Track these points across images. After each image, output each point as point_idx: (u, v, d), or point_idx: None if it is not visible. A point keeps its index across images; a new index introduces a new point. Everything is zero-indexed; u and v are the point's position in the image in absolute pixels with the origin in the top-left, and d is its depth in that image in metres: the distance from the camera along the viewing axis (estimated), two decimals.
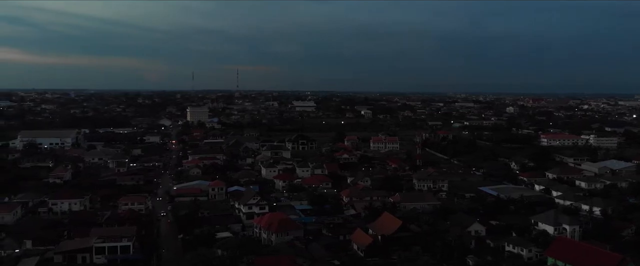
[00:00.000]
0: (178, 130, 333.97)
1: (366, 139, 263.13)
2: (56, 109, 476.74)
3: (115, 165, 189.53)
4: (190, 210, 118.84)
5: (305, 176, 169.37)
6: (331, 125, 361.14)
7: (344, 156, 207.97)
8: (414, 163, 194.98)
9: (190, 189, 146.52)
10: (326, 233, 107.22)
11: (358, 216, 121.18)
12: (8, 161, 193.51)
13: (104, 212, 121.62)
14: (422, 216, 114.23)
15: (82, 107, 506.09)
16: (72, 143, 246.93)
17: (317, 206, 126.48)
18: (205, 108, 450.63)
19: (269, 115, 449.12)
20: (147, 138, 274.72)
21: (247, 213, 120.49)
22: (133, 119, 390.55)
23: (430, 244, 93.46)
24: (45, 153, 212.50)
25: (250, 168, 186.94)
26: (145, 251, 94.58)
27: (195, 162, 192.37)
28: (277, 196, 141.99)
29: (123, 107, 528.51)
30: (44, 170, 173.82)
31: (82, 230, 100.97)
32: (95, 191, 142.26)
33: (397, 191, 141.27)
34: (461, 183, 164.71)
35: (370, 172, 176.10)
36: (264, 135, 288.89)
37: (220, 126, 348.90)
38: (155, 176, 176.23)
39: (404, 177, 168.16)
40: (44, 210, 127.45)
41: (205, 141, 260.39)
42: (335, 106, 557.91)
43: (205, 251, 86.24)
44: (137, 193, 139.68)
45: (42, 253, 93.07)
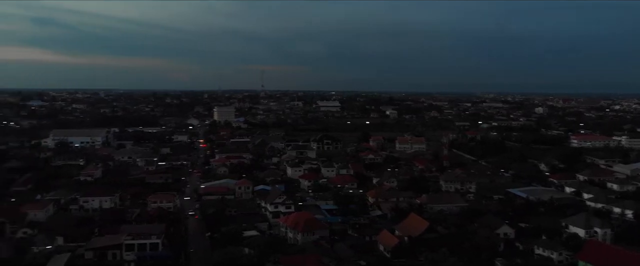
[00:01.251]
0: (205, 129, 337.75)
1: (392, 139, 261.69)
2: (87, 109, 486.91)
3: (144, 164, 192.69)
4: (218, 209, 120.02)
5: (331, 176, 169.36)
6: (356, 125, 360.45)
7: (370, 156, 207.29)
8: (441, 164, 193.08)
9: (218, 188, 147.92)
10: (352, 233, 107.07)
11: (384, 217, 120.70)
12: (40, 159, 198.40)
13: (133, 210, 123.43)
14: (449, 218, 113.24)
15: (111, 107, 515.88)
16: (102, 142, 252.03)
17: (342, 207, 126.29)
18: (232, 108, 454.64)
19: (293, 115, 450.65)
20: (175, 138, 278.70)
21: (273, 212, 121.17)
22: (161, 118, 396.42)
23: (458, 246, 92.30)
24: (76, 152, 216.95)
25: (276, 168, 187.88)
26: (173, 248, 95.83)
27: (222, 160, 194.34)
28: (303, 195, 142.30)
29: (152, 106, 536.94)
30: (75, 168, 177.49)
31: (112, 227, 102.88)
32: (125, 189, 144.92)
33: (423, 192, 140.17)
34: (489, 185, 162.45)
35: (396, 172, 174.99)
36: (289, 134, 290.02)
37: (246, 125, 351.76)
38: (183, 174, 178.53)
39: (431, 178, 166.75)
40: (75, 207, 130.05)
41: (232, 140, 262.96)
42: (360, 106, 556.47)
43: (232, 250, 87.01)
44: (166, 192, 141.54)
45: (73, 250, 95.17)
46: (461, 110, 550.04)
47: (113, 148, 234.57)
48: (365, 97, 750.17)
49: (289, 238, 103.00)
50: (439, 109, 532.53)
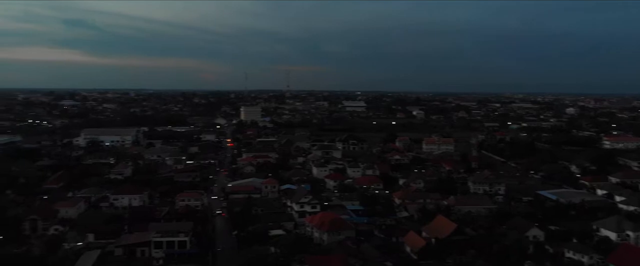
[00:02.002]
0: (232, 128, 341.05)
1: (418, 140, 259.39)
2: (117, 108, 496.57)
3: (173, 162, 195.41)
4: (244, 207, 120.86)
5: (356, 176, 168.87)
6: (382, 125, 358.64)
7: (396, 157, 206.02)
8: (469, 166, 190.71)
9: (245, 186, 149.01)
10: (378, 234, 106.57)
11: (411, 218, 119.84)
12: (72, 158, 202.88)
13: (162, 208, 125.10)
14: (477, 220, 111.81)
15: (141, 106, 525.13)
16: (132, 141, 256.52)
17: (368, 207, 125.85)
18: (258, 108, 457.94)
19: (319, 115, 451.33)
20: (203, 137, 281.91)
21: (299, 212, 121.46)
22: (190, 118, 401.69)
23: (486, 248, 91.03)
24: (106, 151, 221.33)
25: (302, 167, 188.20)
26: (201, 246, 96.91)
27: (248, 159, 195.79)
28: (328, 195, 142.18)
29: (180, 106, 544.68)
30: (106, 167, 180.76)
31: (141, 225, 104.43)
32: (154, 187, 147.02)
33: (451, 194, 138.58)
34: (519, 187, 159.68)
35: (423, 173, 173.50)
36: (315, 134, 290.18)
37: (272, 125, 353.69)
38: (211, 173, 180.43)
39: (459, 180, 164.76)
40: (105, 204, 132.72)
41: (258, 140, 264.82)
42: (386, 106, 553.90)
43: (259, 248, 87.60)
44: (194, 190, 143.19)
45: (103, 246, 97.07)
46: (490, 110, 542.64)
47: (143, 147, 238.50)
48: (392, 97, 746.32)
49: (314, 238, 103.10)
50: (467, 110, 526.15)
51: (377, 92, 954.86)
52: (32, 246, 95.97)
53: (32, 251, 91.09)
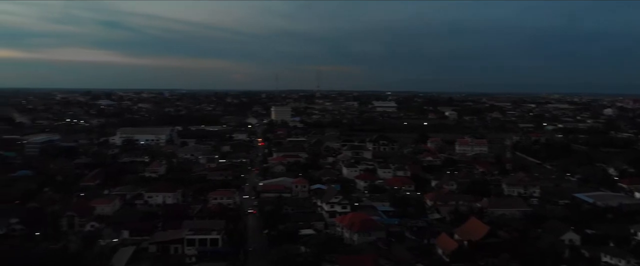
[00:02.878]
0: (263, 128, 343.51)
1: (451, 141, 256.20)
2: (152, 108, 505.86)
3: (205, 161, 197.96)
4: (275, 206, 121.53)
5: (387, 177, 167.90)
6: (413, 126, 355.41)
7: (428, 158, 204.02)
8: (503, 168, 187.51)
9: (275, 185, 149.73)
10: (409, 236, 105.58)
11: (443, 221, 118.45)
12: (108, 156, 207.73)
13: (195, 206, 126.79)
14: (511, 223, 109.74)
15: (175, 106, 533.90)
16: (166, 140, 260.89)
17: (399, 208, 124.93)
18: (288, 108, 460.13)
19: (349, 115, 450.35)
20: (235, 136, 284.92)
21: (330, 212, 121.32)
22: (222, 118, 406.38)
23: (520, 252, 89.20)
24: (141, 149, 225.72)
25: (332, 167, 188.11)
26: (233, 244, 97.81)
27: (279, 159, 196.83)
28: (359, 196, 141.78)
29: (213, 106, 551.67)
30: (141, 165, 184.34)
31: (175, 222, 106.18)
32: (187, 185, 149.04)
33: (484, 196, 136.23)
34: (554, 189, 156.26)
35: (456, 175, 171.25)
36: (345, 134, 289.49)
37: (302, 125, 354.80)
38: (242, 172, 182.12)
39: (492, 182, 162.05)
40: (140, 202, 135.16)
41: (289, 139, 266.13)
42: (418, 106, 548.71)
43: (289, 248, 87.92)
44: (226, 188, 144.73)
45: (138, 243, 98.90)
46: (525, 111, 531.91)
47: (176, 146, 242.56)
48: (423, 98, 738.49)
49: (345, 238, 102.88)
50: (501, 110, 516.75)
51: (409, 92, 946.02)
52: (69, 242, 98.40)
53: (69, 247, 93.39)
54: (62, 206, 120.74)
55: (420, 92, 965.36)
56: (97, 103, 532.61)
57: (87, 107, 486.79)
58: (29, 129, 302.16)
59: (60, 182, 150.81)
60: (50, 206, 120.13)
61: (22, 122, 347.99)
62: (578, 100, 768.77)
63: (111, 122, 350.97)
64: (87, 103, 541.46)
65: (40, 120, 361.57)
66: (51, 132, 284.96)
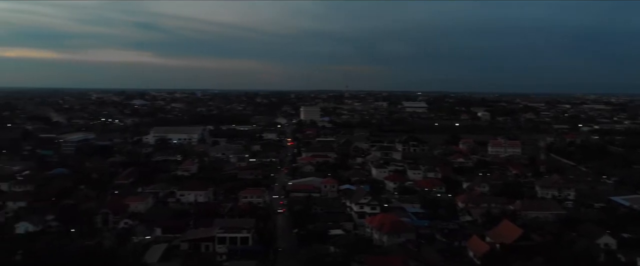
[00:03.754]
0: (292, 128, 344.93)
1: (483, 143, 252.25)
2: (184, 107, 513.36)
3: (236, 160, 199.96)
4: (305, 206, 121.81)
5: (417, 178, 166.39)
6: (444, 126, 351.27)
7: (459, 160, 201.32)
8: (537, 170, 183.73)
9: (305, 185, 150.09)
10: (440, 238, 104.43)
11: (474, 223, 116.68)
12: (142, 155, 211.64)
13: (225, 204, 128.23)
14: (545, 226, 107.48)
15: (207, 106, 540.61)
16: (198, 139, 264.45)
17: (430, 210, 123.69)
18: (317, 108, 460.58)
19: (378, 116, 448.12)
20: (265, 136, 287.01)
21: (359, 212, 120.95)
22: (252, 117, 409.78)
23: (554, 256, 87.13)
24: (174, 148, 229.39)
25: (361, 168, 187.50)
26: (263, 243, 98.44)
27: (308, 159, 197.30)
28: (388, 197, 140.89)
29: (243, 105, 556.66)
30: (173, 164, 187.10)
31: (206, 220, 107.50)
32: (218, 184, 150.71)
33: (517, 198, 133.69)
34: (589, 192, 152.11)
35: (488, 177, 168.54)
36: (374, 135, 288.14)
37: (332, 125, 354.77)
38: (272, 171, 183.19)
39: (526, 184, 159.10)
40: (172, 200, 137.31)
41: (318, 139, 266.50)
42: (449, 107, 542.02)
43: (319, 247, 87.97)
44: (256, 187, 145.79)
45: (170, 241, 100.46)
46: (559, 112, 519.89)
47: (208, 145, 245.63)
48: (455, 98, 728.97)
49: (374, 239, 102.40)
50: (535, 111, 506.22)
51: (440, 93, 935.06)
52: (104, 239, 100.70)
53: (104, 244, 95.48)
54: (97, 203, 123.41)
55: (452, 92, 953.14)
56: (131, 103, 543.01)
57: (121, 107, 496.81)
58: (65, 128, 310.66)
59: (95, 180, 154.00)
60: (85, 204, 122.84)
61: (59, 121, 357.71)
62: (615, 100, 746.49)
63: (145, 121, 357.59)
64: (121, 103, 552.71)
65: (76, 120, 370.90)
66: (87, 131, 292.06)
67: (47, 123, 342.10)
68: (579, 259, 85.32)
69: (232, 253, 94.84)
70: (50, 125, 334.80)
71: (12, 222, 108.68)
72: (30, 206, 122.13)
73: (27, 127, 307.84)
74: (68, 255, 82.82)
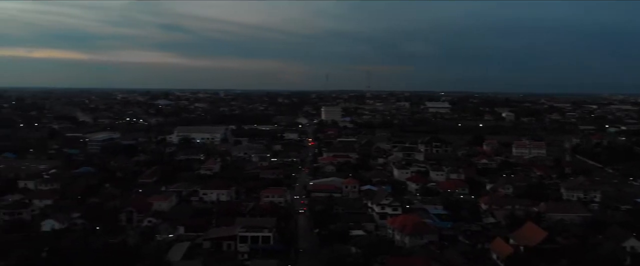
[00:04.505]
0: (314, 128, 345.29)
1: (507, 144, 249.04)
2: (207, 107, 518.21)
3: (258, 160, 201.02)
4: (326, 206, 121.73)
5: (440, 180, 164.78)
6: (468, 127, 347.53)
7: (483, 161, 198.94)
8: (562, 171, 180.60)
9: (326, 185, 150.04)
10: (463, 239, 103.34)
11: (498, 225, 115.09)
12: (166, 154, 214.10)
13: (247, 203, 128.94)
14: (570, 229, 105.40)
15: (229, 106, 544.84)
16: (220, 138, 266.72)
17: (452, 212, 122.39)
18: (338, 108, 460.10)
19: (400, 116, 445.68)
20: (286, 135, 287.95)
21: (380, 213, 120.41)
22: (274, 117, 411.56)
23: (579, 259, 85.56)
24: (197, 147, 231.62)
25: (382, 169, 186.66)
26: (284, 242, 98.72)
27: (329, 159, 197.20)
28: (410, 198, 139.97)
29: (265, 105, 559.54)
30: (196, 163, 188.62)
31: (228, 219, 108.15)
32: (240, 183, 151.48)
33: (542, 200, 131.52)
34: (616, 194, 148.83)
35: (513, 178, 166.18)
36: (396, 135, 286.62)
37: (353, 125, 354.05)
38: (293, 171, 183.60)
39: (551, 186, 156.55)
40: (195, 199, 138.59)
41: (339, 139, 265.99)
42: (473, 107, 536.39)
43: (340, 248, 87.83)
44: (278, 187, 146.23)
45: (192, 239, 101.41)
46: (586, 112, 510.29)
47: (230, 145, 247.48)
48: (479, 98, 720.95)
49: (396, 241, 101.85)
50: (560, 111, 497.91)
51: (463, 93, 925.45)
52: (128, 236, 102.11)
53: (128, 242, 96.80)
54: (122, 202, 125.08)
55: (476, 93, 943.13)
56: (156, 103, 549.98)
57: (146, 107, 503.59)
58: (91, 127, 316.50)
59: (120, 179, 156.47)
60: (110, 202, 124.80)
61: (85, 121, 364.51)
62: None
63: (169, 121, 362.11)
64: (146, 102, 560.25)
65: (101, 119, 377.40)
66: (112, 130, 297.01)
67: (73, 122, 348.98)
68: (605, 262, 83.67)
69: (253, 252, 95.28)
70: (77, 124, 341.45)
71: (38, 220, 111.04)
72: (56, 204, 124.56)
73: (54, 126, 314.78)
74: (93, 253, 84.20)
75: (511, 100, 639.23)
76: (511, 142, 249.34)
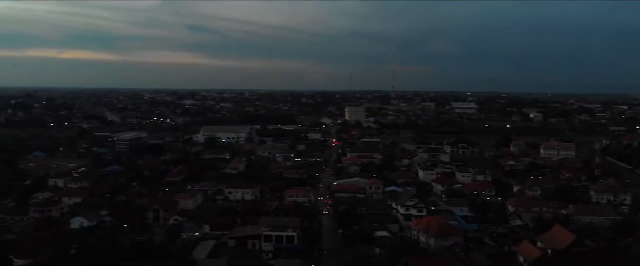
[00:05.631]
0: (337, 128, 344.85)
1: (535, 145, 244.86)
2: (233, 107, 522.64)
3: (282, 159, 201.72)
4: (350, 206, 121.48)
5: (466, 181, 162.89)
6: (495, 128, 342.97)
7: (510, 162, 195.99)
8: (591, 173, 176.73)
9: (349, 185, 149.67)
10: (489, 242, 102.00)
11: (525, 227, 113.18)
12: (192, 153, 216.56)
13: (271, 202, 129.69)
14: (599, 231, 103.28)
15: (254, 106, 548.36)
16: (245, 138, 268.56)
17: (478, 214, 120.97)
18: (362, 108, 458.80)
19: (425, 116, 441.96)
20: (310, 135, 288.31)
21: (405, 215, 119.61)
22: (297, 117, 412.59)
23: (608, 262, 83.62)
24: (223, 147, 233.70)
25: (407, 170, 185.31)
26: (308, 242, 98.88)
27: (353, 159, 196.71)
28: (435, 200, 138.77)
29: (289, 105, 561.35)
30: (222, 162, 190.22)
31: (253, 218, 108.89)
32: (265, 182, 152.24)
33: (570, 202, 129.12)
34: None
35: (540, 180, 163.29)
36: (421, 136, 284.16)
37: (377, 126, 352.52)
38: (317, 171, 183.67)
39: (580, 188, 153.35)
40: (220, 198, 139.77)
41: (363, 140, 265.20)
42: (500, 108, 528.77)
43: (364, 248, 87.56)
44: (301, 187, 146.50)
45: (218, 237, 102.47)
46: (616, 113, 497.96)
47: (255, 144, 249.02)
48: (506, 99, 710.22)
49: (420, 242, 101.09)
50: (590, 112, 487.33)
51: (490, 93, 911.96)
52: (155, 234, 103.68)
53: (154, 239, 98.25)
54: (149, 200, 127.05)
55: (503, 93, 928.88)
56: (182, 103, 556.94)
57: (173, 107, 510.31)
58: (119, 127, 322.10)
59: (147, 177, 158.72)
60: (137, 200, 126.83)
61: (113, 120, 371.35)
62: None
63: (195, 120, 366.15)
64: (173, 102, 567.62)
65: (129, 119, 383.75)
66: (139, 129, 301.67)
67: (102, 122, 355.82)
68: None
69: (278, 251, 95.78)
70: (105, 124, 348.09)
71: (67, 217, 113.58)
72: (85, 202, 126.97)
73: (83, 125, 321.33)
74: (120, 250, 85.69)
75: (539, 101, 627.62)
76: (539, 143, 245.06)
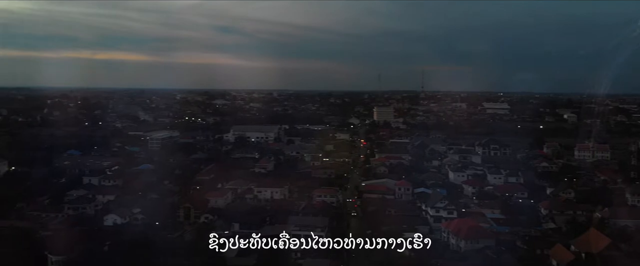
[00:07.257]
0: (365, 128, 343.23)
1: (569, 146, 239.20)
2: (262, 107, 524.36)
3: (310, 159, 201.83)
4: (378, 207, 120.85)
5: (498, 183, 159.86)
6: (528, 129, 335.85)
7: (543, 164, 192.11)
8: (627, 175, 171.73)
9: (378, 186, 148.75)
10: (521, 245, 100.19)
11: (558, 231, 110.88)
12: (222, 152, 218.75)
13: (299, 202, 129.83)
14: (635, 235, 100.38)
15: (283, 106, 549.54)
16: (274, 137, 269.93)
17: (510, 216, 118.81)
18: (391, 109, 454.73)
19: (456, 117, 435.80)
20: (338, 136, 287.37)
21: (434, 217, 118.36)
22: (325, 117, 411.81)
23: None
24: (252, 146, 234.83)
25: (437, 171, 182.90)
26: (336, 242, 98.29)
27: (381, 160, 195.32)
28: (466, 202, 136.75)
29: (317, 105, 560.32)
30: (251, 161, 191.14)
31: (281, 217, 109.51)
32: (293, 182, 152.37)
33: (606, 205, 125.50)
34: None
35: (574, 182, 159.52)
36: (451, 137, 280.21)
37: (406, 126, 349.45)
38: (344, 171, 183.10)
39: (616, 191, 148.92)
40: (250, 196, 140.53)
41: (391, 140, 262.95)
42: (533, 109, 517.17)
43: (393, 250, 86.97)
44: (329, 187, 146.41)
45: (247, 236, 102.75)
46: None
47: (283, 144, 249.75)
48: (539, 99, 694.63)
49: (451, 245, 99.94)
50: (627, 113, 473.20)
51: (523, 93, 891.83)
52: (186, 232, 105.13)
53: (185, 237, 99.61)
54: (180, 198, 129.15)
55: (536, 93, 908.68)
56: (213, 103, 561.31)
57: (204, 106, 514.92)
58: (151, 126, 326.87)
59: (178, 175, 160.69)
60: (169, 198, 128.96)
61: (146, 120, 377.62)
62: None
63: (225, 120, 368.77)
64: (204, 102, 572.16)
65: (161, 118, 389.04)
66: (171, 129, 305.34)
67: (135, 121, 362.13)
68: None
69: (306, 251, 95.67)
70: (138, 123, 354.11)
71: (101, 215, 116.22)
72: (118, 199, 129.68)
73: (117, 124, 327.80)
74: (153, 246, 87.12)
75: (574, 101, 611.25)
76: (573, 145, 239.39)
